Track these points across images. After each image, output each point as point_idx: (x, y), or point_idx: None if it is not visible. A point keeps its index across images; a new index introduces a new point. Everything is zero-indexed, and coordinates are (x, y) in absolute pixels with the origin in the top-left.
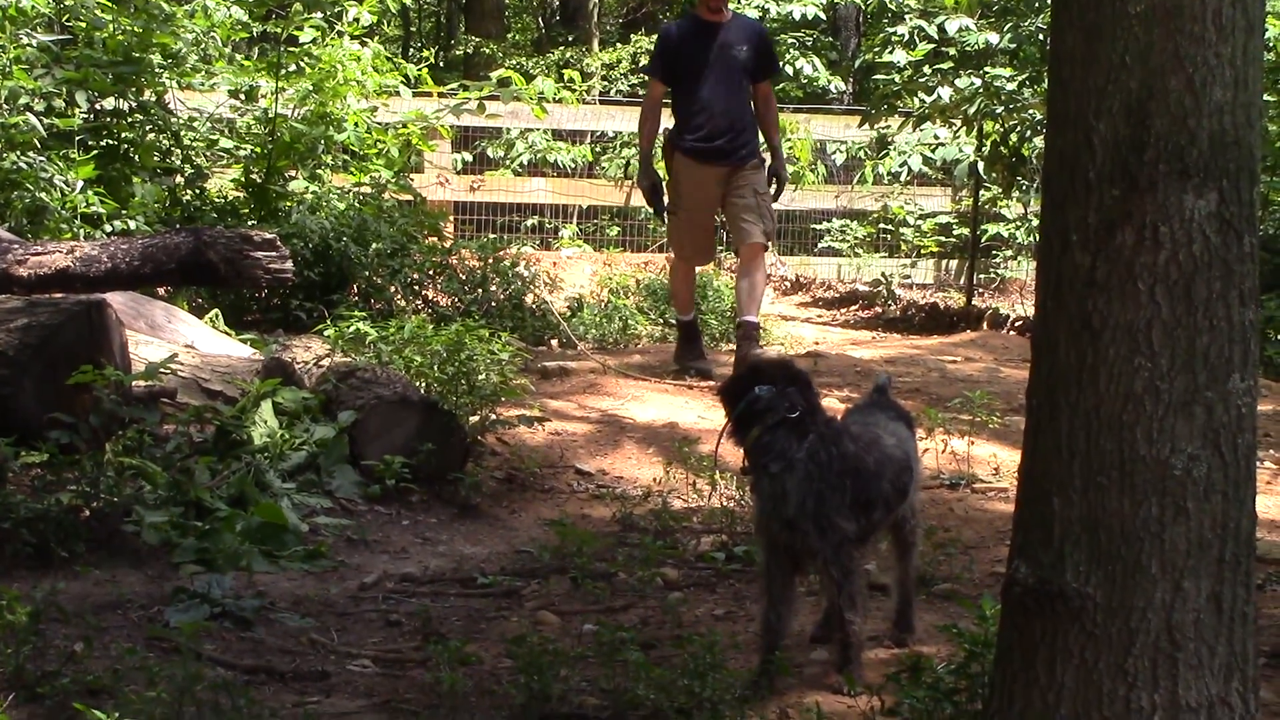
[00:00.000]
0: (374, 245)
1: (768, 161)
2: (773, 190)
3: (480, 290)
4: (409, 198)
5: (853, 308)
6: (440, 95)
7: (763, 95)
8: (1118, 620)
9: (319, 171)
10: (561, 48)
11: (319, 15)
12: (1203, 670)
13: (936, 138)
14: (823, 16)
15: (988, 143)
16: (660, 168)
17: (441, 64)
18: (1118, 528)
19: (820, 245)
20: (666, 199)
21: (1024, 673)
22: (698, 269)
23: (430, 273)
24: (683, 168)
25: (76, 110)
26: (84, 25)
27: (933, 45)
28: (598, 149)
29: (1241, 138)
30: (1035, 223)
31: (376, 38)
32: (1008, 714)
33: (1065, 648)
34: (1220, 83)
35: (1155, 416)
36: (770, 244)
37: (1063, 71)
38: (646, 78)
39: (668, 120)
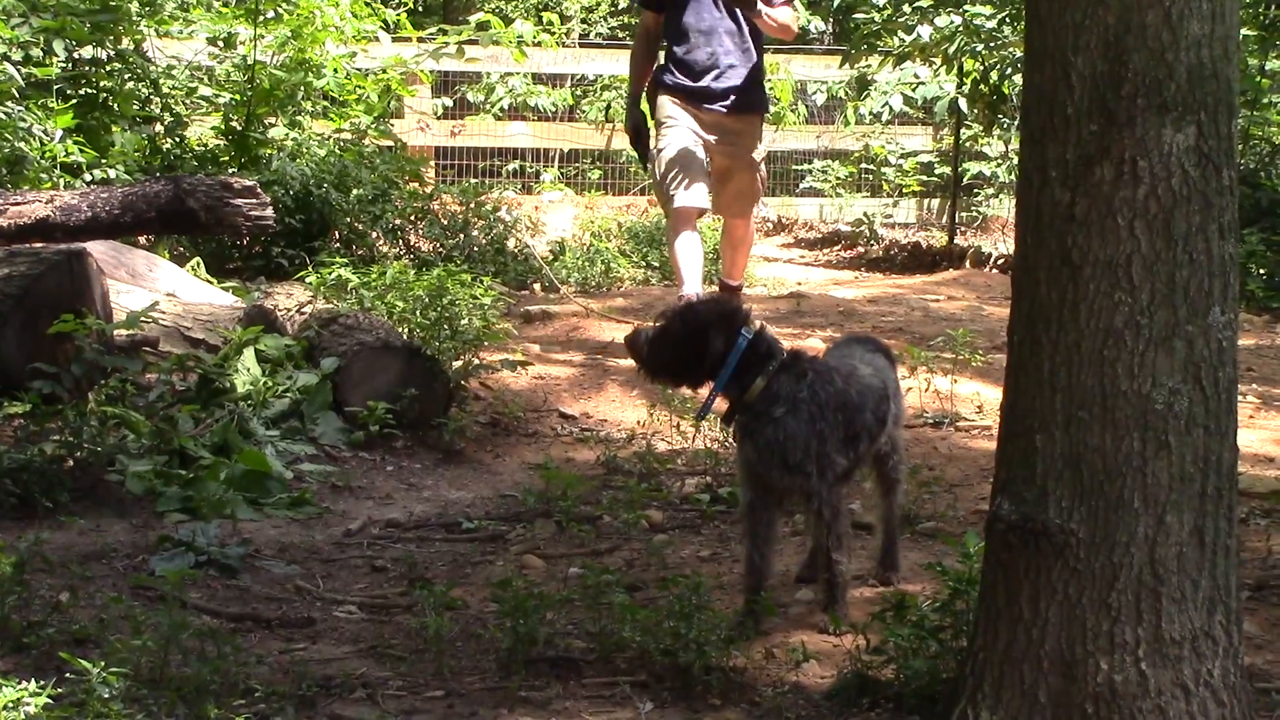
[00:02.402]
0: (355, 191)
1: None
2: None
3: (462, 235)
4: (389, 143)
5: (835, 248)
6: (419, 40)
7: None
8: (1101, 555)
9: (299, 118)
10: None
11: None
12: (1186, 604)
13: (917, 76)
14: None
15: (968, 81)
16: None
17: (420, 8)
18: (1100, 463)
19: (802, 186)
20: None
21: (1008, 609)
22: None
23: (412, 218)
24: (665, 109)
25: (54, 59)
26: None
27: None
28: (578, 92)
29: (1219, 71)
30: (1016, 160)
31: None
32: (992, 650)
33: (1049, 583)
34: (1197, 16)
35: (1136, 351)
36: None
37: (1040, 8)
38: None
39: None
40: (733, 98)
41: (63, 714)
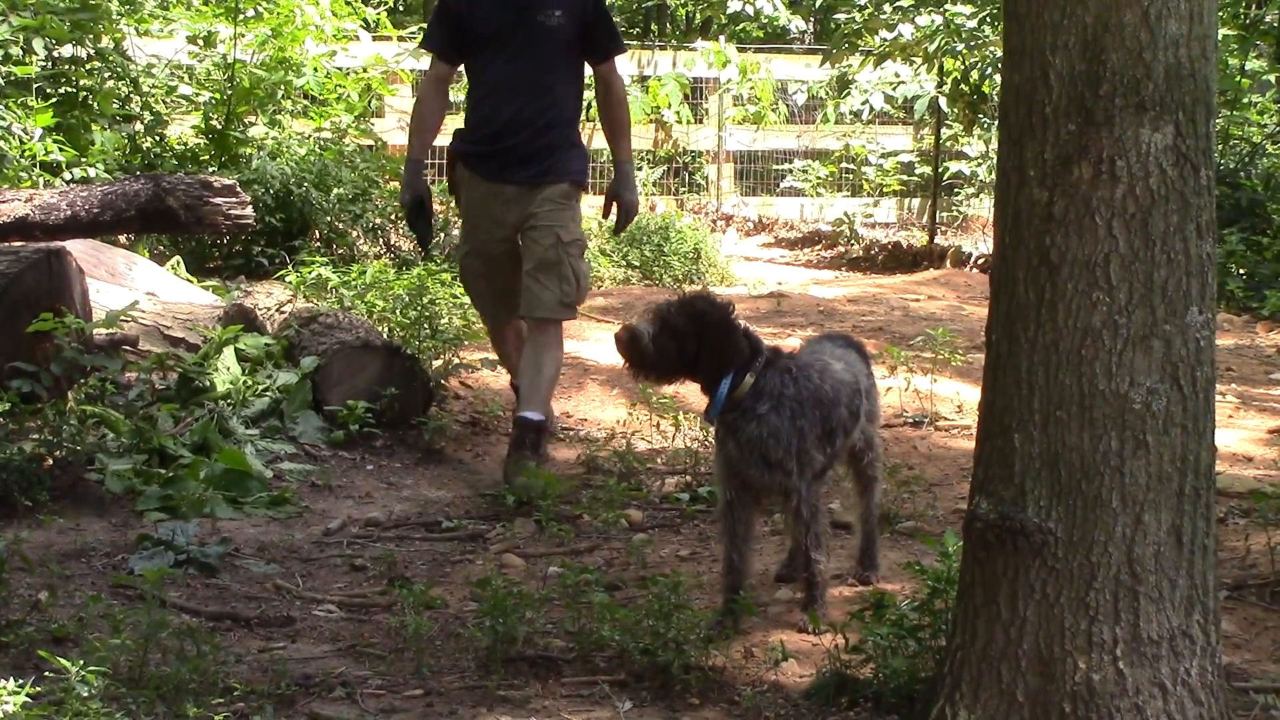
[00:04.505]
0: (335, 190)
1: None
2: (614, 219)
3: (442, 234)
4: (370, 142)
5: (815, 247)
6: (399, 39)
7: (604, 83)
8: (1079, 554)
9: (279, 117)
10: None
11: None
12: (1164, 603)
13: (897, 76)
14: None
15: (949, 80)
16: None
17: (400, 7)
18: (1078, 462)
19: (782, 185)
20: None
21: (986, 608)
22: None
23: (392, 217)
24: (465, 185)
25: (34, 58)
26: None
27: None
28: None
29: (1197, 70)
30: (996, 159)
31: None
32: (971, 649)
33: (1027, 583)
34: (1175, 15)
35: (1114, 351)
36: (575, 311)
37: (1018, 7)
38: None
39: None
40: (542, 166)
41: (41, 712)
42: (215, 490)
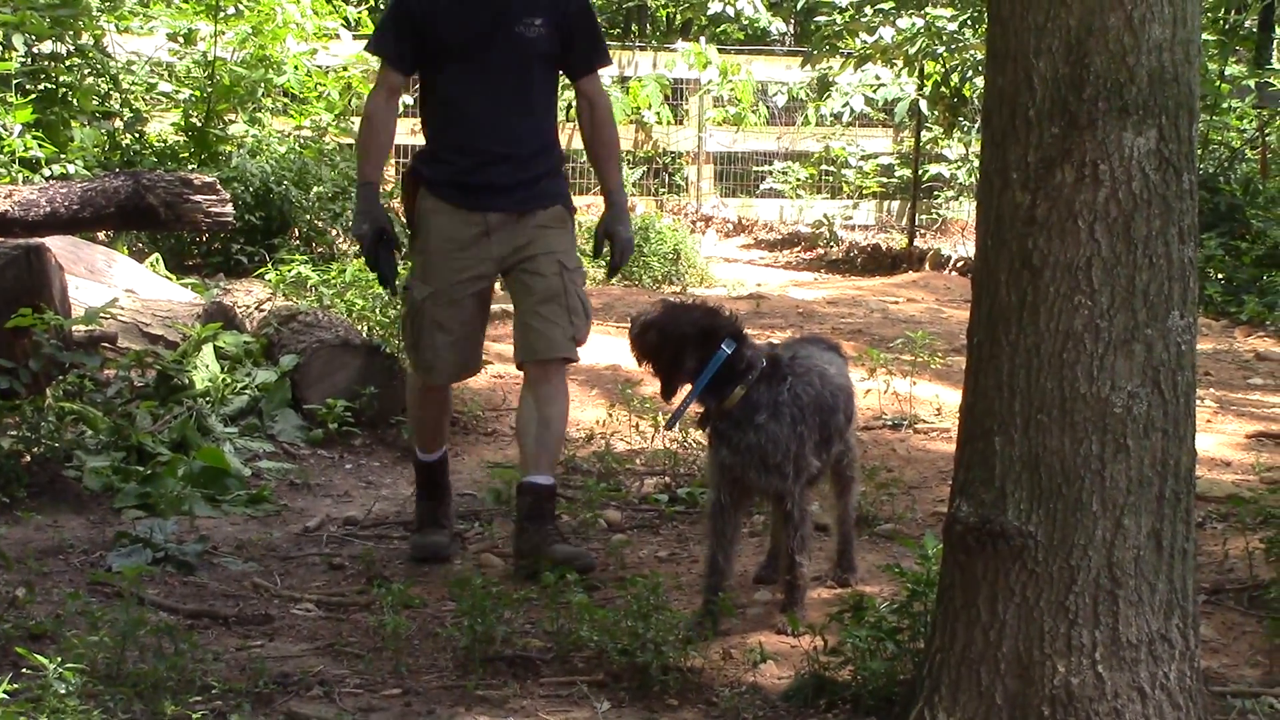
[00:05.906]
0: (315, 189)
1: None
2: (606, 259)
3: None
4: (350, 141)
5: (795, 249)
6: None
7: (588, 99)
8: (1059, 558)
9: (259, 115)
10: None
11: None
12: (1143, 607)
13: (878, 78)
14: None
15: (929, 83)
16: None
17: (381, 5)
18: (1058, 466)
19: (762, 187)
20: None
21: (966, 611)
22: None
23: None
24: (432, 216)
25: (13, 54)
26: None
27: None
28: None
29: (1180, 75)
30: (977, 162)
31: None
32: (950, 652)
33: (1007, 586)
34: (1159, 20)
35: (1095, 354)
36: (578, 351)
37: (1002, 10)
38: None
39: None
40: (531, 193)
41: (18, 710)
42: (193, 488)
